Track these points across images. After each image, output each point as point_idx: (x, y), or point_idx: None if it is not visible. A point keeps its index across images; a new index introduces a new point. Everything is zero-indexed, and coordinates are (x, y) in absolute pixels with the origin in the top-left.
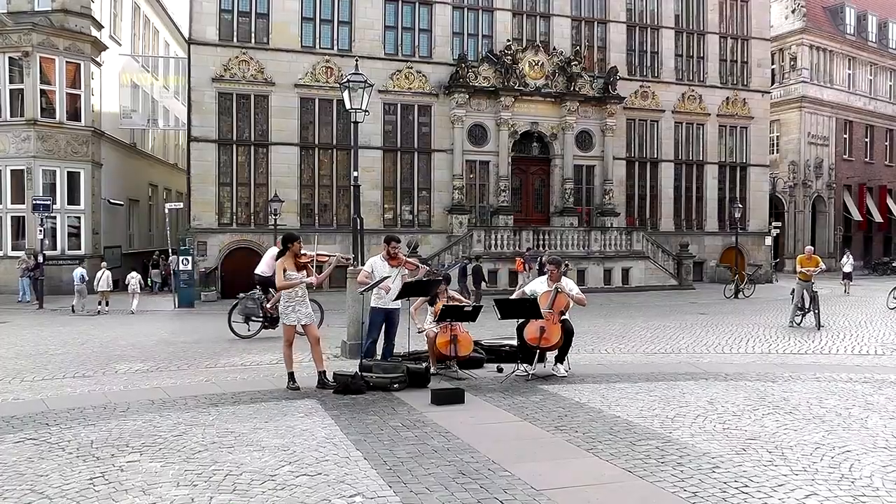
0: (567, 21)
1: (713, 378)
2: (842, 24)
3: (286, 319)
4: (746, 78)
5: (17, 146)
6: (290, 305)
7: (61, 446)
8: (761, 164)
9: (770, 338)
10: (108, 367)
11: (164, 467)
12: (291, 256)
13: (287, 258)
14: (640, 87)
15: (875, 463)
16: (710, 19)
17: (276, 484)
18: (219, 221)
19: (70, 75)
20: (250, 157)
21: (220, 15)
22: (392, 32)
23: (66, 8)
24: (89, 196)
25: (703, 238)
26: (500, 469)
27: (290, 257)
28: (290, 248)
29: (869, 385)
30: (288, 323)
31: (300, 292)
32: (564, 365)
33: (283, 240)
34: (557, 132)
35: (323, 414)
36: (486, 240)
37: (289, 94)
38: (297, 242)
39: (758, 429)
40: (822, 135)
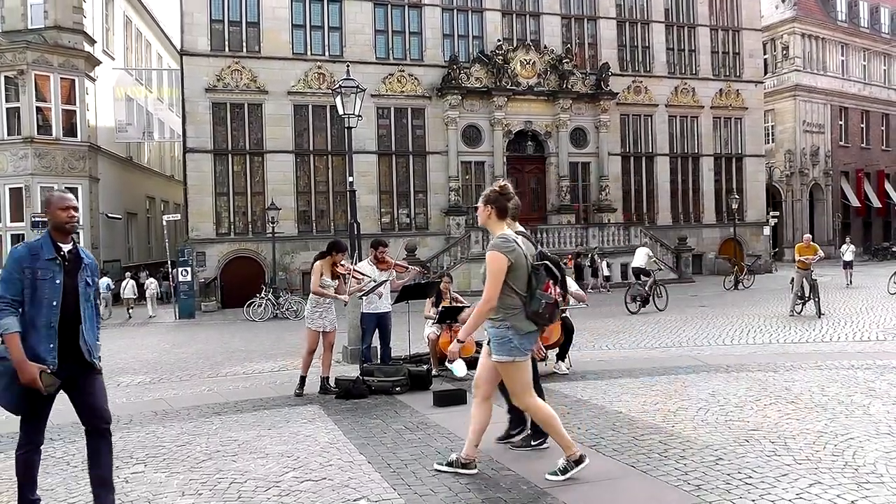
0: (557, 19)
1: (714, 370)
2: (833, 11)
3: (312, 324)
4: (739, 69)
5: (15, 164)
6: (318, 311)
7: (66, 460)
8: (757, 154)
9: (771, 328)
10: (111, 380)
11: (169, 477)
12: (330, 264)
13: (325, 263)
14: (633, 83)
15: (878, 449)
16: (700, 12)
17: (280, 490)
18: (217, 231)
19: (65, 91)
20: (246, 166)
21: (211, 25)
22: (383, 36)
23: (58, 24)
24: (87, 211)
25: (701, 231)
26: (503, 467)
27: (329, 264)
28: (332, 256)
29: (871, 371)
30: (313, 328)
31: (328, 299)
32: (566, 362)
33: (331, 246)
34: (551, 130)
35: (326, 419)
36: (484, 240)
37: (282, 102)
38: (341, 254)
39: (760, 419)
40: (818, 122)
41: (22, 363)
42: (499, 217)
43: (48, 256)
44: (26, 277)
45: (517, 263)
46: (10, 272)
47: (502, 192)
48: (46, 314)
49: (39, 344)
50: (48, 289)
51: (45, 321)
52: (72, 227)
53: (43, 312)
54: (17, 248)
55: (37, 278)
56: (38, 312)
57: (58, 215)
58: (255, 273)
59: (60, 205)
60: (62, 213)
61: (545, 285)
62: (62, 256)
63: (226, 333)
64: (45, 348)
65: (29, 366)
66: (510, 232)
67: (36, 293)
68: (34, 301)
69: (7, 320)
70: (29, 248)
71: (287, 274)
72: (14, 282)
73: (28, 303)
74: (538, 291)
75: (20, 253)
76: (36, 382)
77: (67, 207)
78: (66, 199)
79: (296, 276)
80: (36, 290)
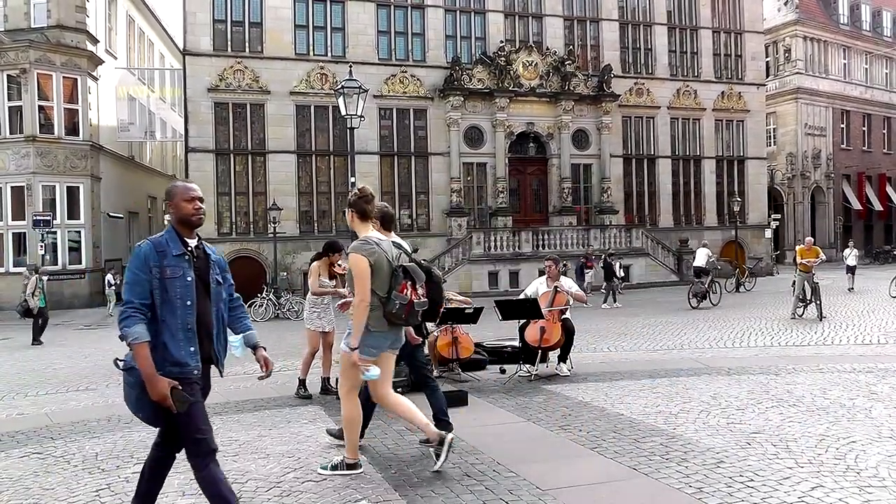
0: (559, 21)
1: (716, 373)
2: (835, 14)
3: (311, 325)
4: (741, 71)
5: (17, 163)
6: (317, 311)
7: (66, 459)
8: (759, 156)
9: (772, 330)
10: (112, 380)
11: (170, 477)
12: (327, 264)
13: (323, 264)
14: (635, 85)
15: (880, 453)
16: (702, 14)
17: (281, 491)
18: (218, 231)
19: (67, 90)
20: (248, 166)
21: (213, 25)
22: (385, 37)
23: (61, 24)
24: (89, 210)
25: (702, 233)
26: (505, 470)
27: (326, 265)
28: (329, 257)
29: (873, 375)
30: (312, 328)
31: (326, 299)
32: (567, 364)
33: (326, 245)
34: (553, 132)
35: (327, 420)
36: (486, 241)
37: (284, 102)
38: (338, 254)
39: (762, 422)
40: (819, 125)
41: (152, 378)
42: (361, 219)
43: (176, 252)
44: (154, 277)
45: (377, 265)
46: (135, 273)
47: (362, 194)
48: (182, 315)
49: (179, 349)
50: (179, 287)
51: (182, 323)
52: (198, 221)
53: (178, 314)
54: (141, 246)
55: (165, 277)
56: (173, 314)
57: (183, 208)
58: (257, 273)
59: (185, 196)
60: (188, 206)
61: (401, 287)
62: (190, 252)
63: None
64: (186, 352)
65: (159, 381)
66: (375, 234)
67: (167, 294)
68: (166, 302)
69: (136, 328)
70: (154, 244)
71: (288, 274)
72: (142, 283)
73: (160, 305)
74: (394, 293)
75: (145, 251)
76: (166, 400)
77: (193, 199)
78: (191, 189)
79: (297, 277)
80: (166, 290)
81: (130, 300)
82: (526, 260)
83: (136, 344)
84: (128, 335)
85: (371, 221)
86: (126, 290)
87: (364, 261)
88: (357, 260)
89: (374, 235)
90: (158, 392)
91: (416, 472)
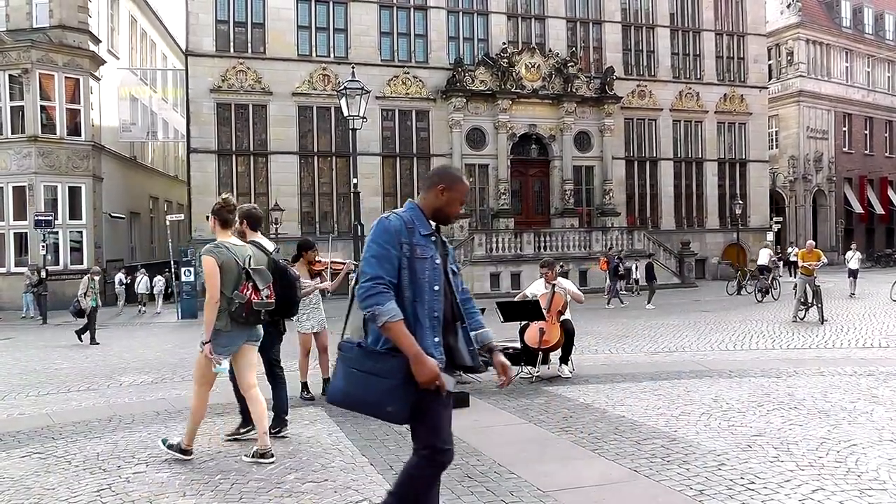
0: (562, 22)
1: (717, 375)
2: (838, 18)
3: (301, 327)
4: (743, 74)
5: (19, 163)
6: (305, 313)
7: (67, 459)
8: (761, 159)
9: (773, 333)
10: (113, 380)
11: (171, 477)
12: (305, 264)
13: (301, 265)
14: (637, 87)
15: (881, 456)
16: (705, 16)
17: (282, 491)
18: None
19: (69, 91)
20: (250, 166)
21: (216, 26)
22: (388, 38)
23: (63, 24)
24: (91, 210)
25: (704, 235)
26: (507, 471)
27: (304, 265)
28: (304, 256)
29: (874, 378)
30: (303, 331)
31: (314, 299)
32: (568, 366)
33: (298, 247)
34: (556, 133)
35: (328, 421)
36: (488, 243)
37: (287, 103)
38: (312, 250)
39: (763, 425)
40: (821, 128)
41: (419, 356)
42: (222, 227)
43: (424, 232)
44: (403, 255)
45: (225, 267)
46: (384, 246)
47: (225, 205)
48: (430, 301)
49: (425, 337)
50: (429, 270)
51: (429, 309)
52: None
53: (425, 298)
54: (390, 219)
55: (415, 256)
56: (420, 298)
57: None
58: None
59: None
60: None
61: (242, 287)
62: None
63: None
64: (431, 342)
65: (427, 359)
66: (229, 240)
67: (415, 275)
68: (413, 283)
69: (389, 305)
70: (402, 219)
71: None
72: (391, 259)
73: (406, 286)
74: (235, 293)
75: (396, 224)
76: (438, 379)
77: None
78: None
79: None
80: (415, 271)
81: (379, 275)
82: (527, 262)
83: (393, 322)
84: (381, 313)
85: (231, 229)
86: (372, 264)
87: (213, 262)
88: (206, 261)
89: (228, 241)
90: (429, 371)
91: None
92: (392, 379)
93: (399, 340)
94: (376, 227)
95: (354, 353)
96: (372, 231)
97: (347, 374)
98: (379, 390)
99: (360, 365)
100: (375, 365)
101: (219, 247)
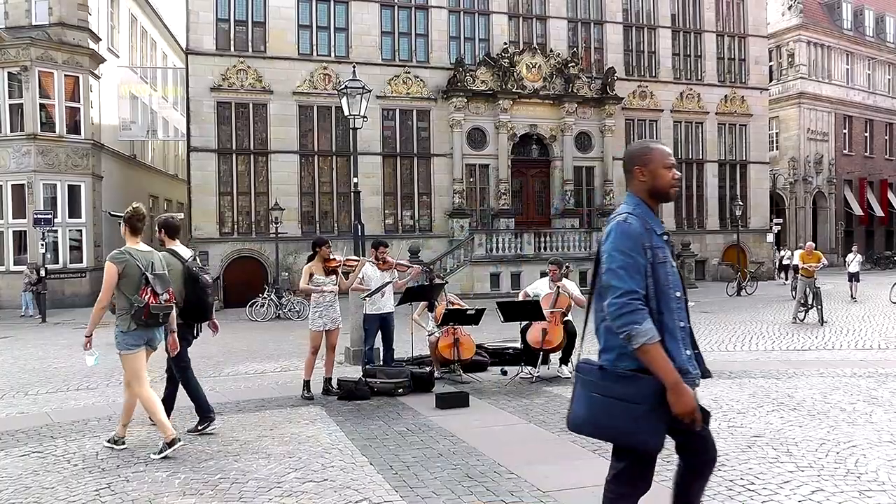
0: (563, 23)
1: (717, 376)
2: (839, 20)
3: (313, 325)
4: (744, 75)
5: (18, 161)
6: (318, 311)
7: (66, 458)
8: (761, 161)
9: (773, 334)
10: (112, 379)
11: (170, 476)
12: (320, 261)
13: (316, 263)
14: (638, 87)
15: (881, 457)
16: (706, 18)
17: (282, 491)
18: (220, 231)
19: (69, 89)
20: (250, 165)
21: (216, 24)
22: (389, 38)
23: (63, 21)
24: (90, 209)
25: (704, 236)
26: (507, 471)
27: (319, 262)
28: (319, 253)
29: (873, 379)
30: (314, 328)
31: (328, 297)
32: (569, 366)
33: (313, 244)
34: (556, 134)
35: (328, 420)
36: (488, 243)
37: (287, 102)
38: (326, 247)
39: (763, 426)
40: (822, 130)
41: (677, 386)
42: (131, 234)
43: (659, 231)
44: (648, 261)
45: (126, 272)
46: (630, 255)
47: (135, 213)
48: (676, 310)
49: (680, 352)
50: (671, 274)
51: (677, 319)
52: (675, 194)
53: (672, 308)
54: (629, 222)
55: (657, 261)
56: (667, 308)
57: (662, 176)
58: (258, 273)
59: (665, 161)
60: (667, 174)
61: (141, 291)
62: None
63: (228, 333)
64: (683, 357)
65: (687, 390)
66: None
67: (659, 283)
68: (658, 293)
69: (647, 324)
70: (639, 219)
71: (290, 274)
72: (639, 269)
73: (653, 297)
74: (134, 297)
75: (636, 228)
76: (695, 413)
77: (671, 166)
78: (669, 153)
79: (299, 277)
80: (659, 278)
81: (633, 289)
82: (528, 262)
83: (650, 344)
84: (639, 333)
85: (139, 236)
86: (621, 277)
87: (113, 268)
88: (107, 267)
89: (134, 247)
90: (687, 403)
91: (418, 473)
92: (643, 404)
93: (656, 365)
94: (616, 232)
95: (596, 375)
96: (611, 238)
97: (590, 400)
98: (628, 417)
99: (603, 389)
100: (622, 389)
101: (122, 253)
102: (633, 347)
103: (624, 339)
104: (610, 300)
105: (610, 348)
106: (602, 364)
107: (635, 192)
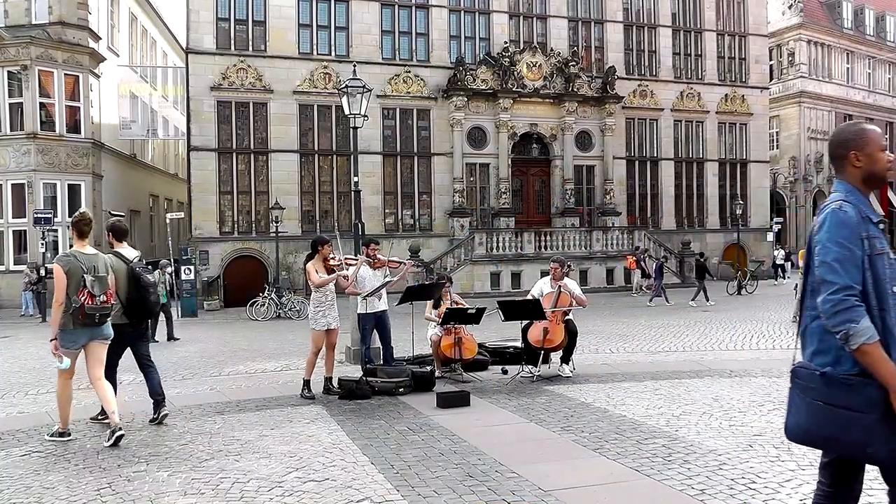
0: (564, 22)
1: (718, 375)
2: (839, 19)
3: (316, 325)
4: (745, 74)
5: (18, 160)
6: (321, 310)
7: (67, 458)
8: (761, 160)
9: (774, 333)
10: None
11: (171, 476)
12: (321, 260)
13: (317, 261)
14: (639, 87)
15: None
16: (707, 17)
17: (283, 491)
18: (220, 230)
19: (69, 88)
20: (250, 165)
21: (217, 24)
22: (389, 37)
23: (63, 20)
24: (90, 208)
25: (704, 235)
26: (508, 470)
27: (320, 260)
28: (320, 251)
29: None
30: (318, 328)
31: (329, 297)
32: (569, 365)
33: (313, 243)
34: (557, 133)
35: (329, 420)
36: (488, 242)
37: (287, 101)
38: (327, 246)
39: (764, 425)
40: (822, 129)
41: None
42: (79, 237)
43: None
44: (865, 252)
45: (70, 273)
46: (846, 246)
47: (82, 218)
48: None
49: None
50: (889, 267)
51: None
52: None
53: (891, 304)
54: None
55: (875, 253)
56: (886, 305)
57: (879, 159)
58: (258, 272)
59: (881, 143)
60: (883, 157)
61: (79, 292)
62: None
63: (228, 332)
64: None
65: None
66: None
67: (878, 276)
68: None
69: (865, 323)
70: (854, 207)
71: (290, 274)
72: (855, 261)
73: (871, 293)
74: (73, 297)
75: (852, 216)
76: None
77: (885, 148)
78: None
79: (299, 276)
80: (877, 271)
81: (849, 285)
82: (528, 261)
83: (869, 344)
84: (856, 333)
85: (87, 239)
86: (836, 271)
87: (59, 269)
88: (55, 269)
89: (80, 250)
90: None
91: (419, 473)
92: (872, 413)
93: (876, 367)
94: (831, 221)
95: (817, 382)
96: (825, 227)
97: (811, 408)
98: (856, 427)
99: (826, 397)
100: (846, 397)
101: (67, 256)
102: (850, 348)
103: (841, 339)
104: (824, 296)
105: (825, 350)
106: (823, 370)
107: (848, 179)
